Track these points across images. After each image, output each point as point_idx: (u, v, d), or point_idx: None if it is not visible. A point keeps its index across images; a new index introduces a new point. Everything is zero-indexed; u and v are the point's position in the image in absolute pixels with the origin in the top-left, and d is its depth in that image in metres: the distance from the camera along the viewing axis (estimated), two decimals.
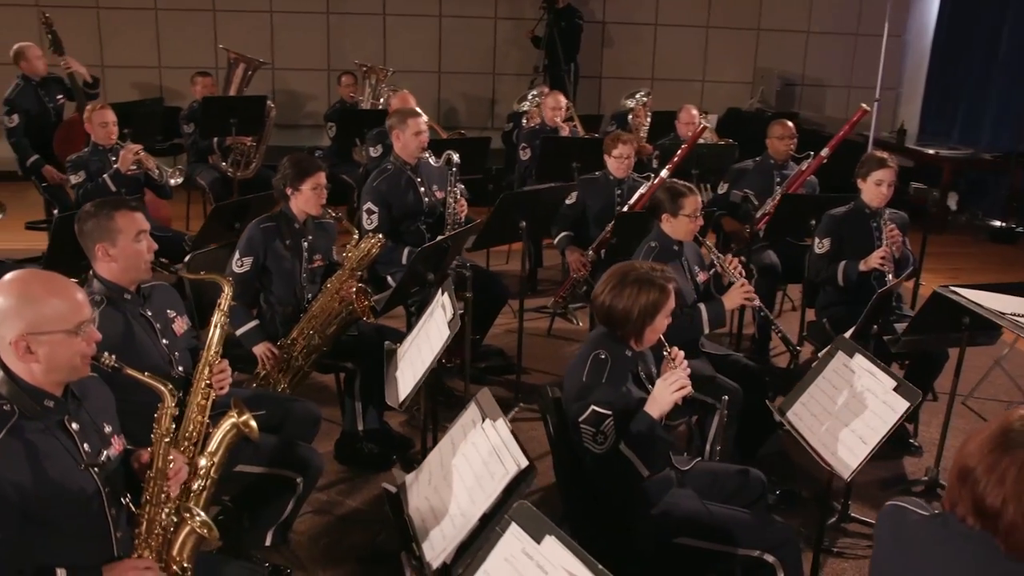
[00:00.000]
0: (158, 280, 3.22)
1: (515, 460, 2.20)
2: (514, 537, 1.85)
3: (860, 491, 3.92)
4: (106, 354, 2.25)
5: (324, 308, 3.98)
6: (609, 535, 2.73)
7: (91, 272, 3.00)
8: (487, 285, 4.90)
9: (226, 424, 2.95)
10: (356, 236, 4.14)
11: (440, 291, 3.34)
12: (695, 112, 6.86)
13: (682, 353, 2.76)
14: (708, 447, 3.88)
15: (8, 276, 2.14)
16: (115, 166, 5.23)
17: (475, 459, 2.34)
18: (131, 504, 2.30)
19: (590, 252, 5.26)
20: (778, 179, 5.65)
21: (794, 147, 5.67)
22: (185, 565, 2.35)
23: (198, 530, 2.35)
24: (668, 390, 2.63)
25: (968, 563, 1.77)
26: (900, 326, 4.01)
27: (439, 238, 4.11)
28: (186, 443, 2.95)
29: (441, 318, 3.16)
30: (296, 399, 3.62)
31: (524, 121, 7.52)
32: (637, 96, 8.15)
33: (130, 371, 2.31)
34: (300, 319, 3.98)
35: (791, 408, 3.11)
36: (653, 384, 2.76)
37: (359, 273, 4.05)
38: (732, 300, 3.88)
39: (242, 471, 3.11)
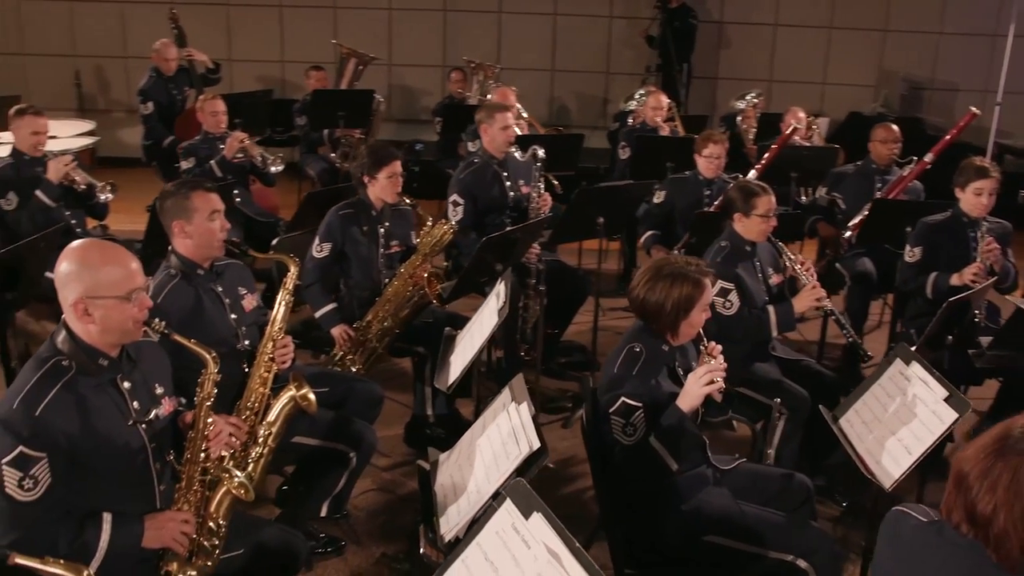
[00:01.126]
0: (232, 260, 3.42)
1: (529, 441, 2.24)
2: (507, 512, 1.89)
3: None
4: (156, 320, 2.41)
5: (398, 292, 4.11)
6: (638, 528, 2.74)
7: (169, 248, 3.22)
8: (566, 280, 4.94)
9: (285, 396, 3.11)
10: (430, 223, 4.25)
11: (499, 280, 3.42)
12: (801, 115, 6.68)
13: (719, 348, 2.73)
14: (772, 451, 3.82)
15: (73, 244, 2.34)
16: (221, 153, 5.52)
17: (496, 439, 2.40)
18: (174, 461, 2.47)
19: (675, 251, 5.22)
20: (879, 184, 5.46)
21: (898, 152, 5.47)
22: (220, 522, 2.49)
23: (234, 490, 2.49)
24: (698, 384, 2.61)
25: (958, 573, 1.72)
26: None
27: (508, 229, 4.17)
28: (247, 412, 3.13)
29: (493, 306, 3.23)
30: (360, 379, 3.77)
31: (630, 120, 7.51)
32: (747, 98, 7.99)
33: (177, 337, 2.47)
34: (375, 302, 4.13)
35: (844, 415, 3.03)
36: None
37: (432, 258, 4.16)
38: (802, 303, 3.79)
39: (299, 442, 3.27)
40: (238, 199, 5.65)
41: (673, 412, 2.61)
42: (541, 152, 4.82)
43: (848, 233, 5.22)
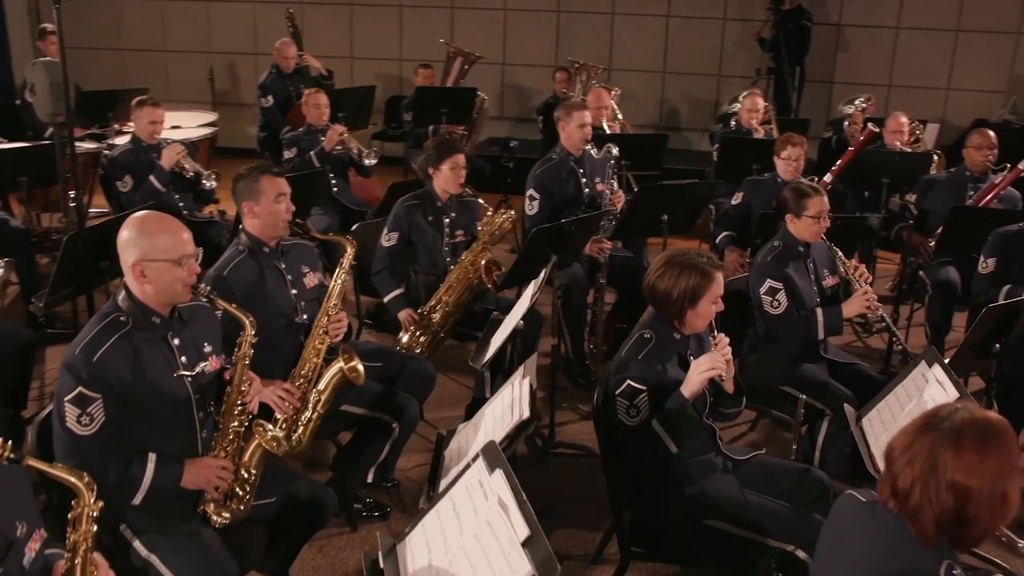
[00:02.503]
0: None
1: (521, 411, 2.41)
2: (477, 469, 2.07)
3: None
4: (203, 285, 2.70)
5: (459, 278, 4.32)
6: (644, 508, 2.85)
7: (241, 226, 3.53)
8: (635, 276, 5.04)
9: (334, 367, 3.38)
10: (490, 212, 4.44)
11: (543, 268, 3.59)
12: (904, 120, 6.53)
13: (726, 339, 2.81)
14: (817, 453, 3.84)
15: (134, 215, 2.65)
16: (321, 144, 5.89)
17: (499, 408, 2.57)
18: (215, 412, 2.75)
19: (749, 252, 5.24)
20: (971, 191, 5.31)
21: (993, 158, 5.30)
22: (252, 471, 2.75)
23: (265, 443, 2.75)
24: (697, 371, 2.70)
25: (884, 547, 1.78)
26: None
27: (563, 221, 4.32)
28: (301, 379, 3.41)
29: (531, 291, 3.40)
30: (414, 357, 3.99)
31: (732, 123, 7.50)
32: (856, 102, 7.86)
33: (220, 301, 2.75)
34: (438, 288, 4.36)
35: (867, 415, 3.05)
36: None
37: (492, 247, 4.37)
38: (852, 307, 3.79)
39: (347, 410, 3.52)
40: (335, 189, 6.01)
41: (676, 397, 2.71)
42: (615, 150, 4.94)
43: (933, 241, 5.12)
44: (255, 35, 10.09)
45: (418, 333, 4.34)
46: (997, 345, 3.40)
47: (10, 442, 1.72)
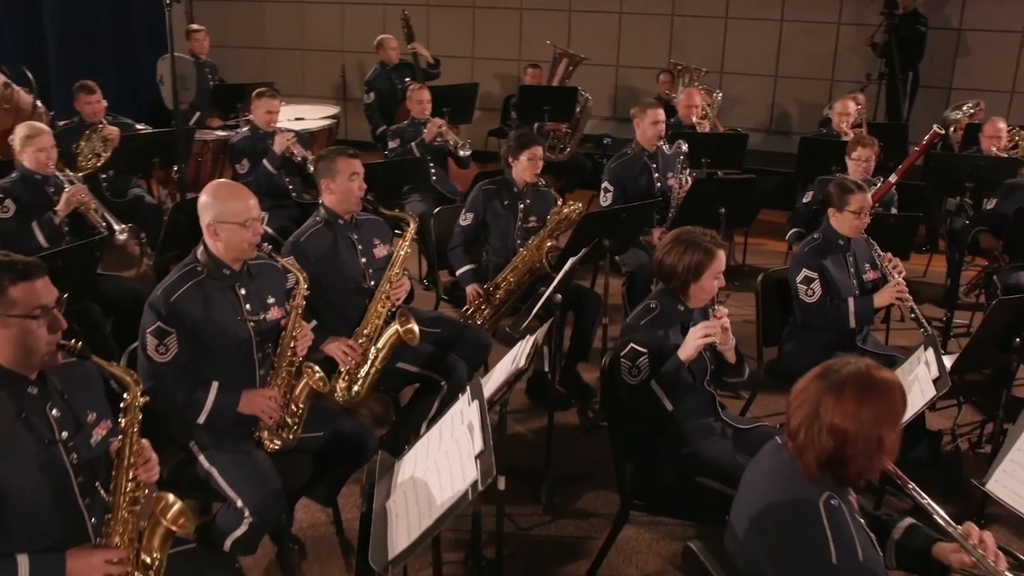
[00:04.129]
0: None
1: (518, 362, 2.76)
2: (463, 401, 2.44)
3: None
4: (264, 244, 3.17)
5: (525, 260, 4.68)
6: (643, 464, 3.14)
7: (320, 200, 4.01)
8: None
9: (391, 328, 3.81)
10: (560, 202, 4.78)
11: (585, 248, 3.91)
12: (1001, 125, 6.44)
13: (725, 311, 3.06)
14: None
15: (212, 183, 3.16)
16: (422, 136, 6.37)
17: (507, 361, 2.93)
18: (271, 353, 3.22)
19: None
20: None
21: None
22: (300, 405, 3.21)
23: (313, 383, 3.20)
24: (694, 336, 2.97)
25: (780, 483, 2.04)
26: None
27: (616, 206, 4.61)
28: (363, 337, 3.86)
29: (567, 267, 3.73)
30: (471, 327, 4.38)
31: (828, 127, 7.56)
32: (964, 108, 7.77)
33: (278, 258, 3.22)
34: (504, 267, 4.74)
35: None
36: None
37: (557, 234, 4.71)
38: (882, 298, 3.94)
39: (401, 368, 3.95)
40: (434, 177, 6.48)
41: (673, 360, 3.00)
42: (685, 146, 5.19)
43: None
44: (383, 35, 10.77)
45: (483, 307, 4.73)
46: (1017, 340, 3.48)
47: (80, 343, 2.20)
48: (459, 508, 2.10)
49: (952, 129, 7.53)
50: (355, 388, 3.82)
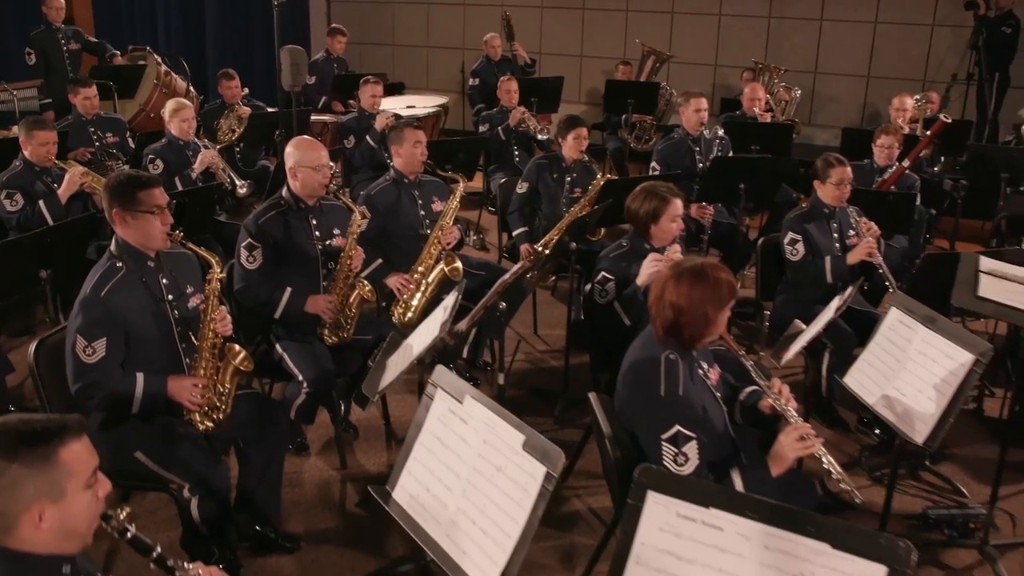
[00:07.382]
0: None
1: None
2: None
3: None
4: (332, 184, 4.14)
5: (564, 225, 5.51)
6: (612, 371, 3.93)
7: (390, 162, 4.97)
8: (735, 239, 5.95)
9: (438, 267, 4.73)
10: (599, 177, 5.57)
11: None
12: None
13: (677, 248, 3.83)
14: (823, 382, 4.63)
15: (296, 137, 4.16)
16: (507, 122, 7.30)
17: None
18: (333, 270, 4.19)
19: None
20: None
21: None
22: (352, 310, 4.16)
23: (364, 294, 4.15)
24: (646, 268, 3.72)
25: (639, 343, 2.86)
26: None
27: (636, 176, 5.36)
28: (417, 272, 4.79)
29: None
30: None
31: None
32: None
33: (338, 194, 4.20)
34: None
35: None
36: None
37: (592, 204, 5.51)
38: (854, 256, 4.54)
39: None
40: (517, 159, 7.39)
41: (631, 287, 3.78)
42: (721, 131, 5.89)
43: None
44: (501, 33, 11.73)
45: (534, 264, 5.57)
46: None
47: (179, 231, 3.22)
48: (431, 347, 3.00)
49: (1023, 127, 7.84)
50: (408, 315, 4.74)
